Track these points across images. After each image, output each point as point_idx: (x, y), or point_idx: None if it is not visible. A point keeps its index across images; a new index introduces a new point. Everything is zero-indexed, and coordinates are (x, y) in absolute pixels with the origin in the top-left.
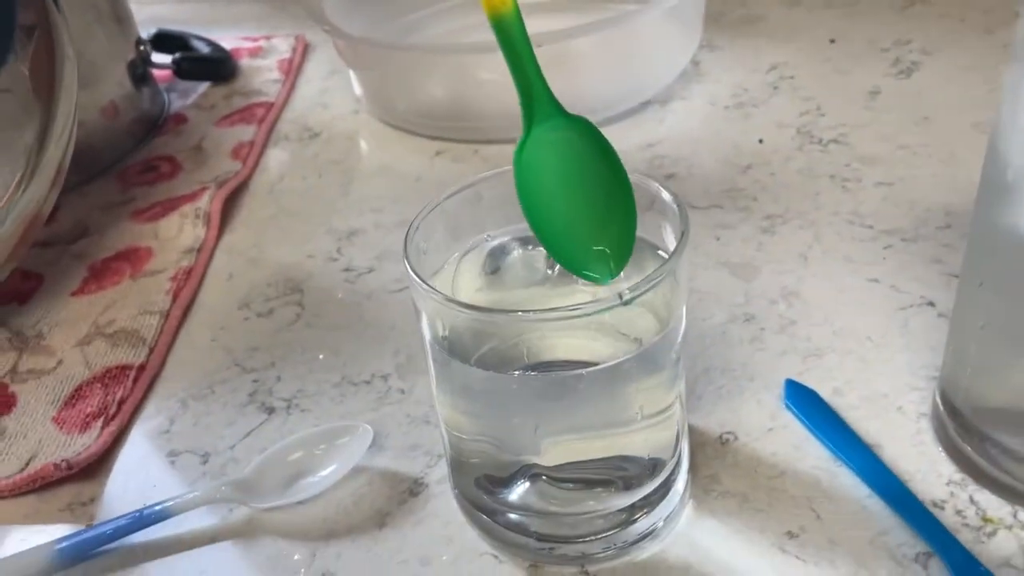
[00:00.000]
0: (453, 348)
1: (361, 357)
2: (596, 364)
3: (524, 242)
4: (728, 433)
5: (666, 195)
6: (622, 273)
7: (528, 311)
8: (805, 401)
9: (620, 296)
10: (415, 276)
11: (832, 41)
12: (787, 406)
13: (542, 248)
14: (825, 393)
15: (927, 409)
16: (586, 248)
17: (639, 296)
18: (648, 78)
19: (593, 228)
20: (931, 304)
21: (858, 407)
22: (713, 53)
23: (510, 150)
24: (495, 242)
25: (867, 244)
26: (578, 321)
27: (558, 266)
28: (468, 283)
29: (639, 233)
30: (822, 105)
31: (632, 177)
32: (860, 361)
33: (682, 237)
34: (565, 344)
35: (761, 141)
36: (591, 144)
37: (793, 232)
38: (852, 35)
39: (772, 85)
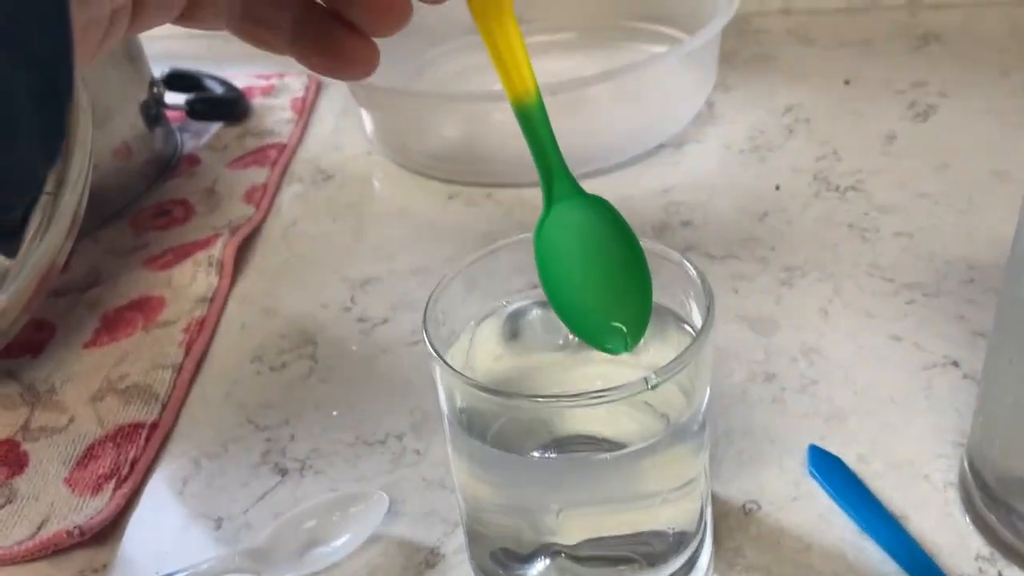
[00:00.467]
0: (471, 422)
1: (376, 414)
2: (619, 441)
3: (544, 306)
4: (751, 502)
5: (691, 271)
6: (645, 343)
7: (549, 396)
8: (829, 469)
9: (647, 381)
10: (435, 353)
11: (847, 82)
12: (811, 473)
13: None
14: (849, 459)
15: (954, 478)
16: (603, 324)
17: (666, 380)
18: (663, 121)
19: (610, 305)
20: (955, 364)
21: (883, 475)
22: (727, 94)
23: (524, 194)
24: (514, 307)
25: (888, 299)
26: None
27: None
28: (486, 351)
29: (662, 302)
30: (838, 149)
31: (655, 247)
32: (884, 425)
33: (708, 314)
34: (587, 419)
35: (778, 187)
36: (609, 224)
37: (812, 285)
38: (867, 76)
39: (787, 128)
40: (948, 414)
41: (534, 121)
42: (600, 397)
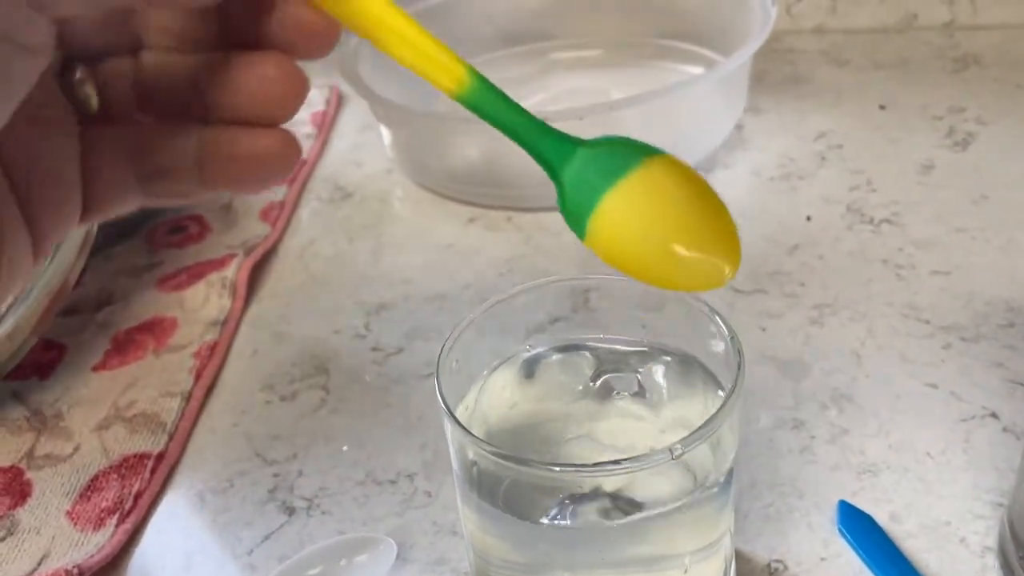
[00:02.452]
0: (481, 478)
1: (387, 450)
2: (642, 500)
3: (562, 351)
4: (777, 561)
5: (722, 327)
6: (670, 396)
7: (566, 466)
8: (860, 527)
9: (671, 452)
10: (447, 411)
11: (882, 107)
12: (841, 532)
13: (582, 359)
14: (881, 518)
15: (993, 542)
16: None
17: (693, 449)
18: (692, 146)
19: (702, 235)
20: (994, 416)
21: (917, 536)
22: (758, 118)
23: (545, 218)
24: (531, 353)
25: (924, 342)
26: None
27: (597, 383)
28: (502, 399)
29: (688, 350)
30: (872, 179)
31: (680, 294)
32: (919, 481)
33: (738, 372)
34: (606, 479)
35: (809, 218)
36: (638, 149)
37: (844, 325)
38: (903, 100)
39: (820, 155)
40: (987, 471)
41: (484, 108)
42: (619, 468)
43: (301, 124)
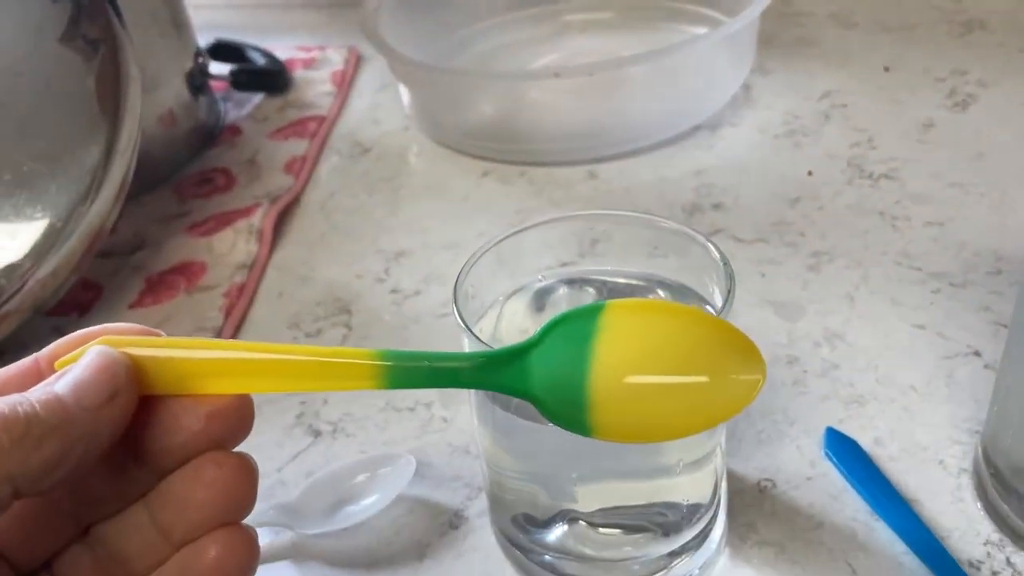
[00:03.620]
0: (495, 395)
1: None
2: None
3: (571, 284)
4: (767, 480)
5: (714, 253)
6: None
7: None
8: (845, 451)
9: None
10: (463, 324)
11: (887, 69)
12: (827, 455)
13: (590, 289)
14: (866, 443)
15: (968, 465)
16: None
17: None
18: (699, 104)
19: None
20: (977, 354)
21: (898, 459)
22: (765, 78)
23: (556, 172)
24: (543, 284)
25: (915, 287)
26: None
27: None
28: (514, 325)
29: (686, 283)
30: (874, 137)
31: (680, 228)
32: (903, 411)
33: (728, 295)
34: None
35: (810, 173)
36: (584, 315)
37: (840, 271)
38: (907, 62)
39: (824, 113)
40: (967, 403)
41: (412, 376)
42: None
43: (321, 83)
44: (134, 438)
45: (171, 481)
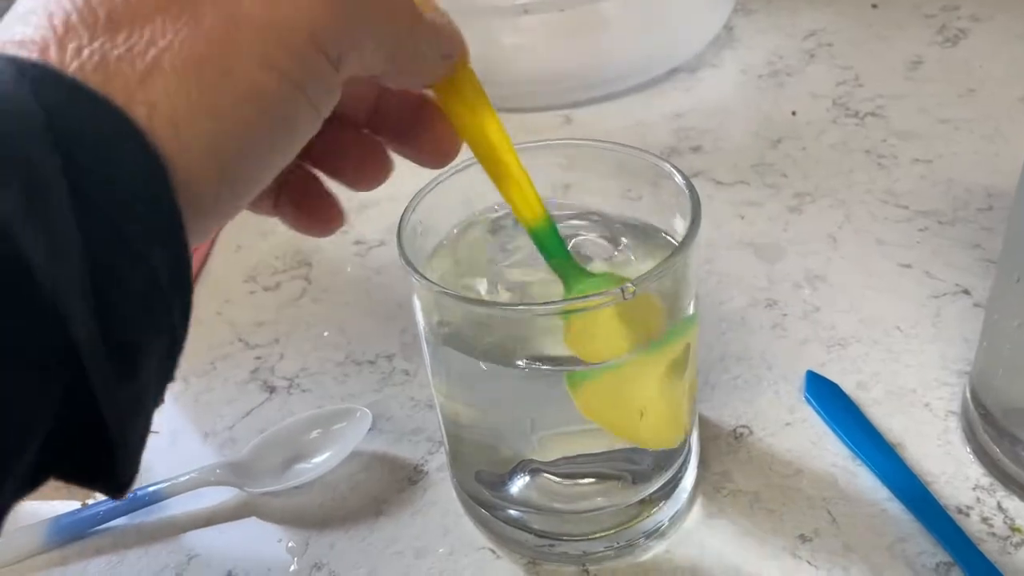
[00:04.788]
0: (449, 337)
1: (367, 336)
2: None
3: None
4: (743, 427)
5: (679, 179)
6: (631, 260)
7: (525, 304)
8: (826, 395)
9: (623, 291)
10: (409, 265)
11: (874, 6)
12: (807, 399)
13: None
14: (848, 386)
15: (956, 407)
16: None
17: (643, 289)
18: (678, 44)
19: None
20: (967, 292)
21: (882, 402)
22: (748, 17)
23: (530, 119)
24: (498, 214)
25: (901, 226)
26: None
27: (569, 243)
28: (472, 259)
29: (651, 221)
30: (860, 75)
31: (644, 156)
32: (887, 352)
33: (691, 225)
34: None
35: (794, 113)
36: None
37: (822, 211)
38: None
39: (809, 52)
40: (955, 343)
41: (547, 240)
42: (575, 304)
43: None
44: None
45: None
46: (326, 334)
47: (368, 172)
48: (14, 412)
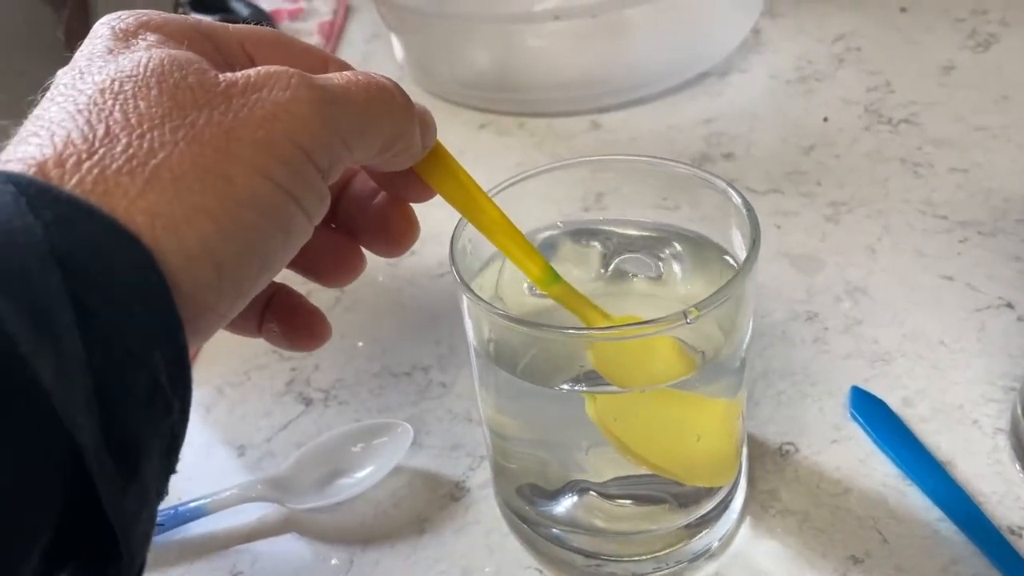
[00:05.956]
0: (499, 353)
1: (401, 346)
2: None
3: (575, 237)
4: (788, 444)
5: (736, 198)
6: (684, 276)
7: (580, 329)
8: (872, 411)
9: (685, 315)
10: (462, 283)
11: (903, 9)
12: (852, 416)
13: (596, 244)
14: (894, 402)
15: (1005, 424)
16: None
17: (706, 315)
18: (707, 48)
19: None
20: (1010, 306)
21: (929, 419)
22: (775, 21)
23: (557, 123)
24: (545, 235)
25: (940, 237)
26: None
27: (612, 265)
28: (516, 282)
29: (704, 233)
30: (891, 80)
31: (698, 173)
32: (932, 368)
33: (752, 246)
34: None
35: (826, 119)
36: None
37: (860, 221)
38: (924, 2)
39: (838, 57)
40: (1001, 358)
41: (566, 300)
42: (634, 331)
43: (308, 35)
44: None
45: None
46: (360, 344)
47: (344, 267)
48: (22, 516)
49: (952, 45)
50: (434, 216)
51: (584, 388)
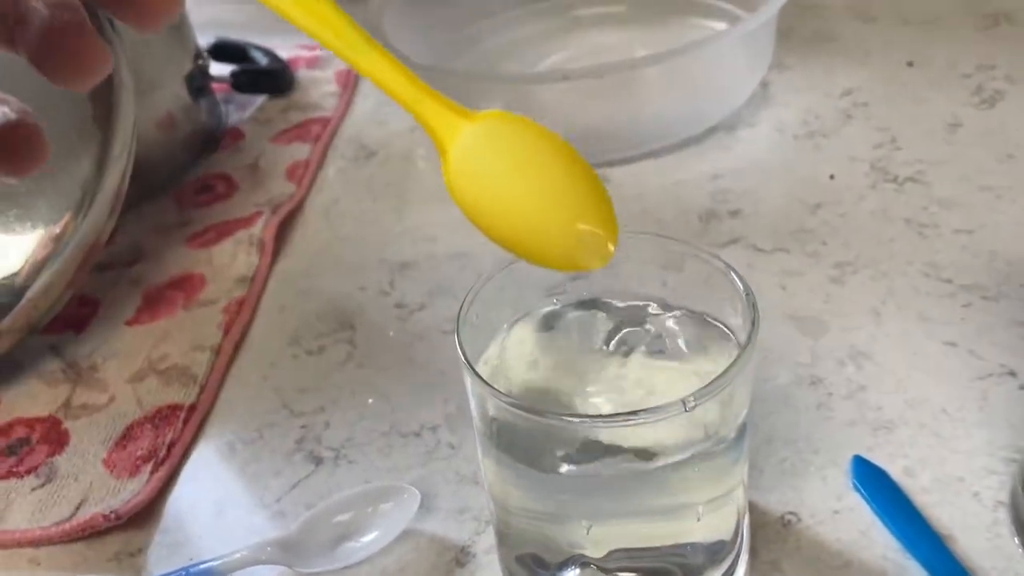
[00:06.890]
0: (500, 431)
1: (411, 404)
2: (653, 451)
3: (580, 307)
4: (791, 513)
5: (738, 283)
6: (689, 348)
7: (583, 416)
8: (874, 482)
9: (684, 404)
10: (467, 364)
11: (910, 64)
12: (855, 486)
13: (601, 314)
14: (895, 472)
15: (1005, 497)
16: (570, 233)
17: (705, 402)
18: (716, 103)
19: (569, 207)
20: (1012, 374)
21: (931, 490)
22: (783, 74)
23: None
24: (548, 309)
25: (944, 301)
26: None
27: (616, 339)
28: (521, 356)
29: (704, 309)
30: (898, 137)
31: (698, 252)
32: (934, 437)
33: (753, 328)
34: (620, 430)
35: (832, 177)
36: (522, 131)
37: (864, 283)
38: (931, 57)
39: (845, 112)
40: (1002, 428)
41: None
42: (631, 420)
43: (325, 83)
44: None
45: None
46: (370, 402)
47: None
48: None
49: (958, 101)
50: (448, 267)
51: (581, 468)
